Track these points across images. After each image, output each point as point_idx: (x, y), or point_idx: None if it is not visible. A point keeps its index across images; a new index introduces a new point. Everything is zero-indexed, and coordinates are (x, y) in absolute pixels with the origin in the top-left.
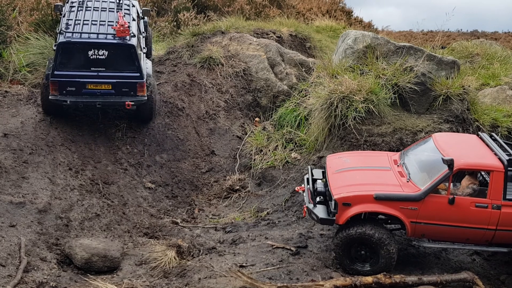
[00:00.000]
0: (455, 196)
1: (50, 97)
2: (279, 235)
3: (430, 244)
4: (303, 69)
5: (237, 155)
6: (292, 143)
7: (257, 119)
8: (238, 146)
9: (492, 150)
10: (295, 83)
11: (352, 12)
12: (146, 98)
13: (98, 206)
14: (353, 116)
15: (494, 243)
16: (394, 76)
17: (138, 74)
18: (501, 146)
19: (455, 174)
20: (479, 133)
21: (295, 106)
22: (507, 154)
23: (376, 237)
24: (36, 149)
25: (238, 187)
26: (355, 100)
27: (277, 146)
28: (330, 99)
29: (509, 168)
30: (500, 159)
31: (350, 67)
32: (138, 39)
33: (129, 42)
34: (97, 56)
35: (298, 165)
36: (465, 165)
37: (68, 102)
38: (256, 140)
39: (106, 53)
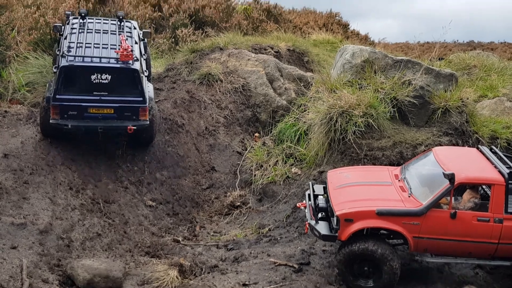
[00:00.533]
0: (456, 210)
1: (51, 121)
2: (281, 251)
3: (433, 259)
4: (301, 84)
5: (238, 171)
6: (292, 158)
7: (256, 134)
8: (238, 162)
9: (492, 163)
10: (294, 98)
11: (348, 25)
12: (148, 122)
13: (99, 225)
14: (352, 131)
15: (496, 256)
16: (393, 90)
17: (141, 99)
18: (501, 159)
19: (456, 188)
20: (479, 146)
21: (294, 121)
22: (507, 167)
23: (379, 253)
24: (36, 169)
25: (239, 203)
26: (354, 115)
27: (277, 161)
28: (329, 113)
29: (510, 181)
30: (500, 172)
31: (349, 81)
32: (141, 62)
33: (132, 67)
34: (100, 80)
35: (299, 180)
36: (466, 179)
37: (70, 126)
38: (256, 155)
39: (109, 77)
